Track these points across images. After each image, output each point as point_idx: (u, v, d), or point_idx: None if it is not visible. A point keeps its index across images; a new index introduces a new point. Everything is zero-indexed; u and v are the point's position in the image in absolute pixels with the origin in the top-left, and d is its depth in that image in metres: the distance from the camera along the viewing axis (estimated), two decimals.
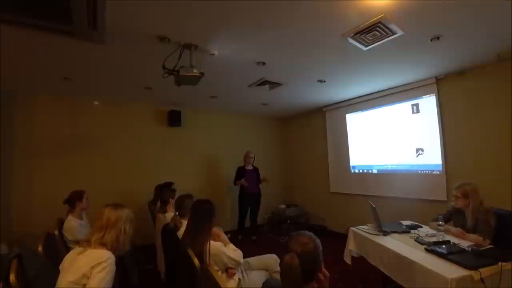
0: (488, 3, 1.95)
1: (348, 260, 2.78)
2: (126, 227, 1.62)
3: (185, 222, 2.30)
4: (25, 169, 3.84)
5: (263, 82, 3.73)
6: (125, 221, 1.62)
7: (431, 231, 2.44)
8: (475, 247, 1.97)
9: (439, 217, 2.45)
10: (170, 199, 3.36)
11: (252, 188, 5.01)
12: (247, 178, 4.98)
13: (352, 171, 4.96)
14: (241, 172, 5.05)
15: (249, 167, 5.12)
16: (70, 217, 2.85)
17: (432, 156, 3.72)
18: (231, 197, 5.58)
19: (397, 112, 4.21)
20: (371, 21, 2.17)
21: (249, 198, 5.00)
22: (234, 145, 5.75)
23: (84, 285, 1.35)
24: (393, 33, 2.37)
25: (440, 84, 3.64)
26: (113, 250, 1.51)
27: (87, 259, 1.42)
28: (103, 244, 1.50)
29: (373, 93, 4.44)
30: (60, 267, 1.48)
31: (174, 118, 5.00)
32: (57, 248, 2.61)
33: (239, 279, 2.13)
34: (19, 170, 3.80)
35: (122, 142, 4.61)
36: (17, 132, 3.82)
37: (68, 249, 2.77)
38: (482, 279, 1.60)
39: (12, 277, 1.37)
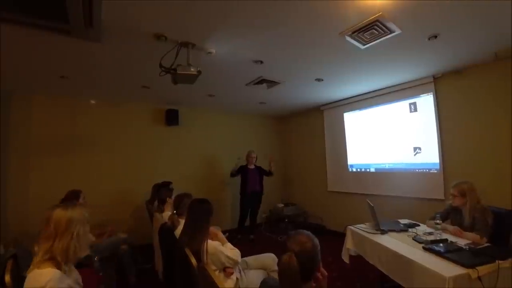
0: (486, 3, 1.95)
1: (346, 259, 2.78)
2: (80, 230, 1.33)
3: (182, 221, 2.29)
4: (22, 168, 3.81)
5: (261, 81, 3.72)
6: (77, 223, 1.33)
7: (429, 230, 2.45)
8: (472, 246, 1.98)
9: (436, 215, 2.45)
10: (168, 198, 3.35)
11: (254, 186, 5.01)
12: (249, 177, 4.99)
13: (350, 170, 4.96)
14: (243, 171, 5.06)
15: (252, 166, 5.11)
16: None
17: (430, 155, 3.73)
18: (229, 196, 5.58)
19: (395, 111, 4.21)
20: (369, 19, 2.17)
21: (250, 197, 4.99)
22: (232, 144, 5.74)
23: None
24: (391, 31, 2.37)
25: (438, 83, 3.64)
26: (63, 261, 1.26)
27: (27, 285, 1.17)
28: (51, 258, 1.24)
29: (370, 92, 4.44)
30: None
31: (171, 117, 4.98)
32: None
33: (237, 278, 2.12)
34: (16, 170, 3.77)
35: (120, 141, 4.59)
36: (14, 131, 3.79)
37: None
38: (479, 277, 1.60)
39: (7, 278, 1.37)
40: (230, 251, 2.10)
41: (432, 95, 3.69)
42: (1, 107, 3.66)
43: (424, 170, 3.81)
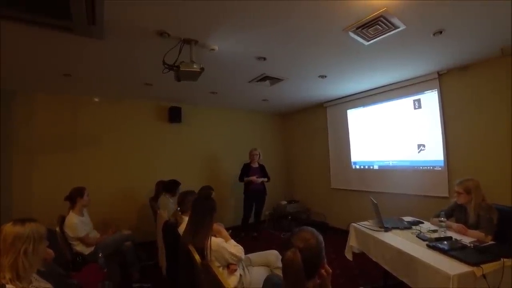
0: None
1: (349, 256, 2.78)
2: (29, 247, 1.29)
3: (186, 218, 2.30)
4: (25, 167, 3.83)
5: (264, 78, 3.71)
6: (26, 240, 1.30)
7: (433, 227, 2.44)
8: (477, 243, 1.96)
9: (441, 213, 2.43)
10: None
11: (256, 184, 4.99)
12: (252, 175, 4.98)
13: (353, 167, 4.95)
14: (246, 169, 5.04)
15: (255, 165, 5.09)
16: (71, 214, 2.87)
17: (434, 152, 3.70)
18: (232, 193, 5.59)
19: (399, 108, 4.18)
20: (373, 15, 2.14)
21: (252, 195, 4.98)
22: (235, 141, 5.75)
23: None
24: (395, 27, 2.34)
25: (442, 79, 3.60)
26: (14, 278, 1.24)
27: None
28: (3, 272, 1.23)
29: (374, 88, 4.41)
30: None
31: (174, 115, 4.98)
32: (58, 245, 2.62)
33: (240, 275, 2.13)
34: (19, 168, 3.79)
35: (123, 138, 4.60)
36: (17, 130, 3.81)
37: (69, 246, 2.79)
38: (484, 275, 1.60)
39: None
40: (234, 247, 2.11)
41: (436, 92, 3.66)
42: (4, 106, 3.68)
43: (428, 167, 3.78)
